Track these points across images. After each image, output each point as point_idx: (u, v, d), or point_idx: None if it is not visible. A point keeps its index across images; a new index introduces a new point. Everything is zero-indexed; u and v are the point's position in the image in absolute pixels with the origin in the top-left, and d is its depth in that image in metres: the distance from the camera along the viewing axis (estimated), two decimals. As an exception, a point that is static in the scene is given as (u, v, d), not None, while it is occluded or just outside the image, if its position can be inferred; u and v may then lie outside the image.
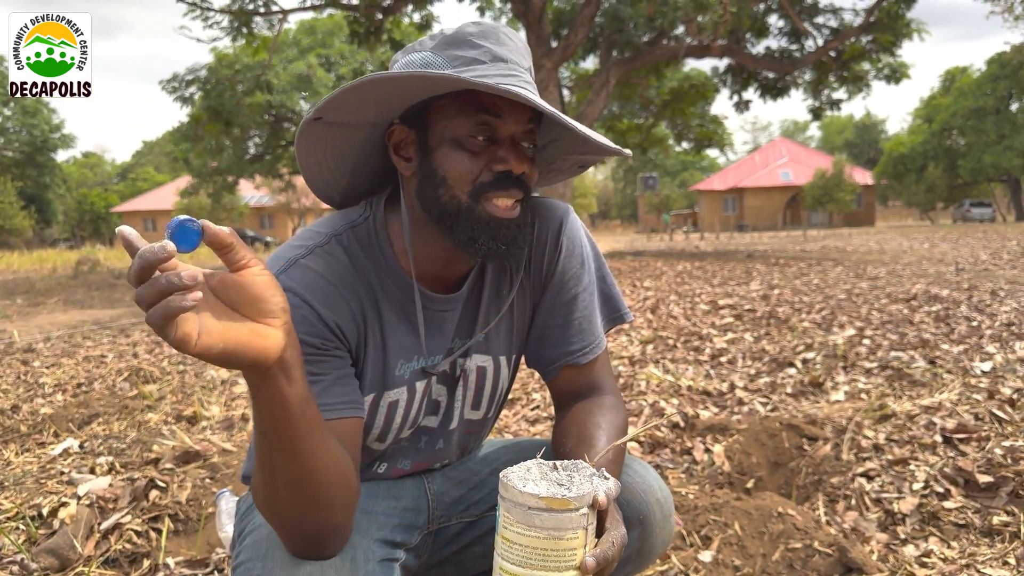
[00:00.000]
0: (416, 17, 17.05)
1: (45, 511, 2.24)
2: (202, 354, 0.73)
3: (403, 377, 1.16)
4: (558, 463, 0.90)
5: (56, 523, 2.17)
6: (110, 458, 2.78)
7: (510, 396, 3.33)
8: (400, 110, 1.09)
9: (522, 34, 14.23)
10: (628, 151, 1.12)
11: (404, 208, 1.13)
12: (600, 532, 0.89)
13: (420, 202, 1.09)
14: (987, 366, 3.78)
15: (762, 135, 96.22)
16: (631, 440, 2.98)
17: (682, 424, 3.14)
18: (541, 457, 0.92)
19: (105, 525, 2.19)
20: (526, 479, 0.85)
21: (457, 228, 1.05)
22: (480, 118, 1.03)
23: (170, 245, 0.69)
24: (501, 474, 0.87)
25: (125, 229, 0.70)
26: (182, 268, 0.71)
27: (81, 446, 3.06)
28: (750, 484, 2.58)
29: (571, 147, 1.21)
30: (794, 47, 17.73)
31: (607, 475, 0.90)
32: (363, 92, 1.00)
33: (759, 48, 18.21)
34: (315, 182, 1.17)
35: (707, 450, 2.83)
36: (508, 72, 1.04)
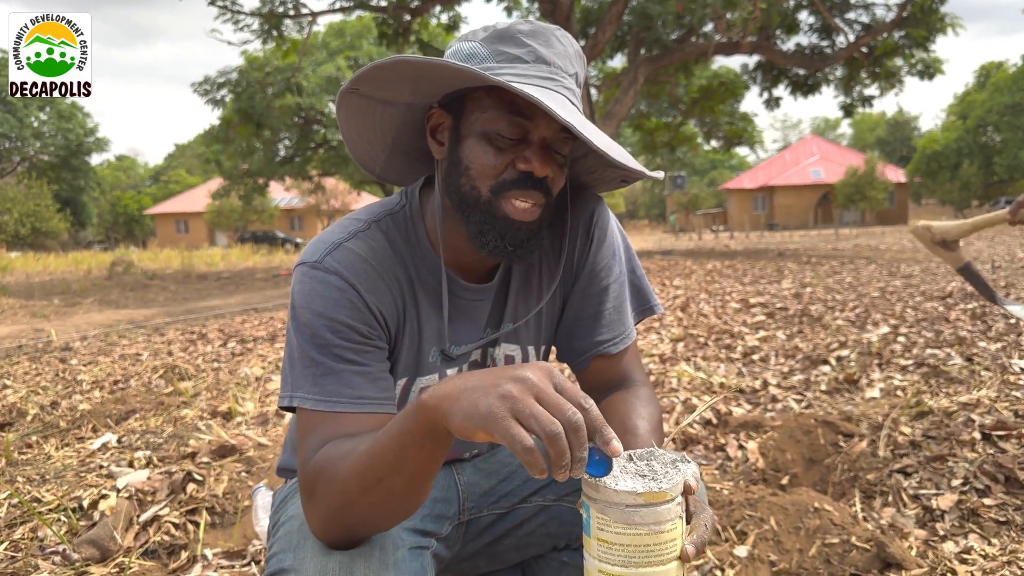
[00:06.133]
0: (444, 18, 17.15)
1: (85, 503, 2.28)
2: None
3: (435, 364, 1.17)
4: (631, 453, 0.87)
5: (96, 515, 2.21)
6: (148, 452, 2.82)
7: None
8: (436, 95, 1.09)
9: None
10: (658, 173, 1.08)
11: (437, 193, 1.13)
12: (687, 517, 0.88)
13: (444, 187, 1.10)
14: (1027, 363, 3.71)
15: (792, 133, 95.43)
16: (698, 414, 2.98)
17: (715, 421, 3.12)
18: None
19: (144, 517, 2.23)
20: (615, 476, 0.81)
21: (471, 218, 1.06)
22: (511, 119, 1.03)
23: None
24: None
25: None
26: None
27: (119, 441, 3.11)
28: (785, 480, 2.56)
29: (608, 160, 1.16)
30: (825, 43, 17.55)
31: (687, 458, 0.88)
32: (394, 71, 1.01)
33: (789, 45, 18.07)
34: (356, 150, 1.18)
35: (741, 447, 2.81)
36: (548, 75, 1.03)
